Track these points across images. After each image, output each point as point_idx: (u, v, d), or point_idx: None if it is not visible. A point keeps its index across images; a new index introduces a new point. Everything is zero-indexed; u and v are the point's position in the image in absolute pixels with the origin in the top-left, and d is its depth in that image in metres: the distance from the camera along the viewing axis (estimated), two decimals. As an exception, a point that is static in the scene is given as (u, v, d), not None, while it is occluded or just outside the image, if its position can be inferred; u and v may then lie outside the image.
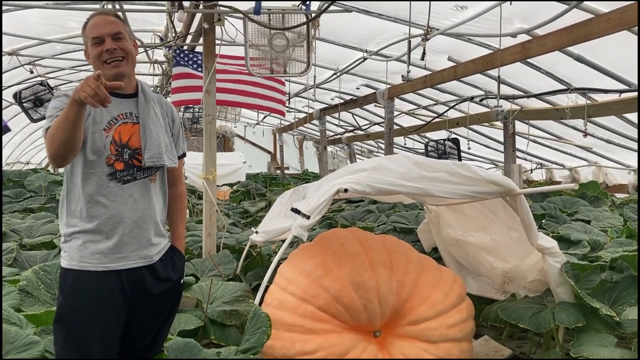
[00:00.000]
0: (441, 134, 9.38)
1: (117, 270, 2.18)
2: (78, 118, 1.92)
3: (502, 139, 7.89)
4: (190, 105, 12.47)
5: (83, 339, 2.14)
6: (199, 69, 6.10)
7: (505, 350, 3.82)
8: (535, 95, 6.84)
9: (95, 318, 2.14)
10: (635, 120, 6.79)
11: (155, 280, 2.27)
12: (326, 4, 4.31)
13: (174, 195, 2.47)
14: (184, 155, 2.51)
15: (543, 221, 5.34)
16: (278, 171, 16.44)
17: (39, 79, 8.84)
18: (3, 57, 7.60)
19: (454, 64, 6.66)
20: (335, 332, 3.09)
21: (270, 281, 3.34)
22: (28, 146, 15.27)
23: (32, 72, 8.58)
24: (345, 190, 3.30)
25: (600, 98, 6.29)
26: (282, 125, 15.91)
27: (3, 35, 6.75)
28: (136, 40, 2.37)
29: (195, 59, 6.22)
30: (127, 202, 2.20)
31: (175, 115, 2.49)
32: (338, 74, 8.47)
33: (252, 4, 4.38)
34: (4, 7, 5.89)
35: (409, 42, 5.30)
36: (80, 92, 1.83)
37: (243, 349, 2.76)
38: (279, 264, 3.41)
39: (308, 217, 3.29)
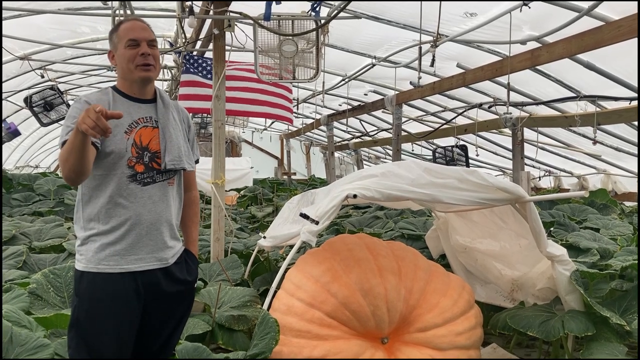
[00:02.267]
0: (449, 141, 9.37)
1: (132, 272, 2.20)
2: (84, 146, 1.95)
3: (510, 146, 7.87)
4: (199, 111, 12.52)
5: (97, 343, 2.15)
6: (209, 76, 6.12)
7: (514, 358, 3.80)
8: (544, 103, 6.83)
9: (110, 320, 2.16)
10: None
11: (170, 283, 2.30)
12: (336, 10, 4.32)
13: (188, 200, 2.50)
14: (197, 161, 2.55)
15: (552, 229, 5.31)
16: (285, 177, 16.45)
17: (50, 83, 8.91)
18: (14, 62, 7.66)
19: (463, 70, 6.66)
20: (343, 339, 3.09)
21: (278, 286, 3.34)
22: (37, 150, 15.38)
23: (42, 76, 8.66)
24: (355, 196, 3.29)
25: (610, 106, 6.27)
26: (289, 131, 15.94)
27: (15, 40, 6.81)
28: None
29: (204, 64, 6.24)
30: (146, 203, 2.23)
31: (191, 121, 2.54)
32: (346, 80, 8.49)
33: (262, 10, 4.40)
34: (15, 12, 5.94)
35: (420, 49, 5.30)
36: (82, 124, 1.84)
37: (251, 354, 2.76)
38: (287, 269, 3.41)
39: (317, 223, 3.29)
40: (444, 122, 9.02)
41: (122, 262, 2.19)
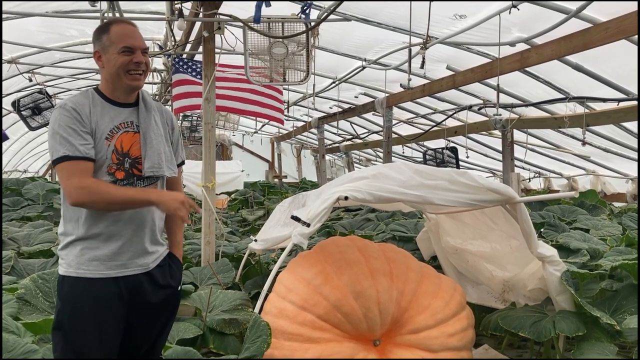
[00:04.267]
0: (439, 143, 9.39)
1: (114, 277, 2.18)
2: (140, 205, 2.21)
3: (500, 148, 7.91)
4: (189, 114, 12.49)
5: (82, 346, 2.13)
6: (199, 77, 6.10)
7: (505, 359, 3.80)
8: (533, 104, 6.85)
9: (93, 325, 2.13)
10: (633, 129, 6.80)
11: (153, 287, 2.28)
12: (326, 13, 4.32)
13: None
14: (182, 163, 2.53)
15: (542, 230, 5.34)
16: (276, 180, 16.43)
17: (38, 87, 8.84)
18: (2, 65, 7.60)
19: (453, 72, 6.68)
20: (335, 341, 3.08)
21: (270, 290, 3.33)
22: (26, 154, 15.25)
23: (31, 80, 8.59)
24: (346, 198, 3.29)
25: (599, 107, 6.30)
26: (280, 134, 15.92)
27: (3, 44, 6.75)
28: None
29: (194, 66, 6.22)
30: (127, 210, 2.20)
31: (175, 123, 2.51)
32: (337, 82, 8.49)
33: (252, 12, 4.39)
34: (4, 15, 5.89)
35: (410, 51, 5.31)
36: (180, 212, 2.15)
37: (243, 358, 2.74)
38: (278, 272, 3.39)
39: (308, 225, 3.28)
40: (434, 124, 9.04)
41: (102, 267, 2.17)
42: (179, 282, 2.42)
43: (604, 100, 5.90)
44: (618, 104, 5.85)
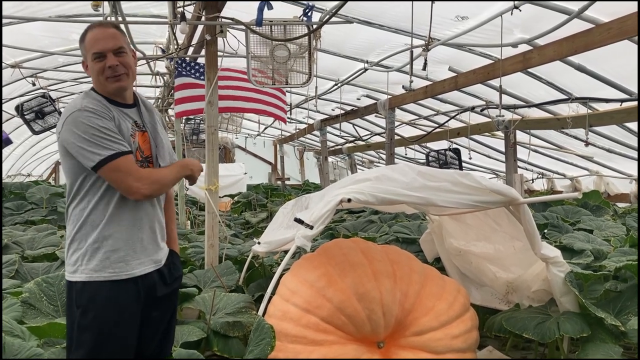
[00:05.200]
0: (442, 144, 9.39)
1: (135, 277, 2.22)
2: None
3: (503, 149, 7.90)
4: (191, 117, 12.50)
5: (105, 347, 2.15)
6: (202, 77, 6.10)
7: (510, 360, 3.80)
8: (536, 105, 6.86)
9: (120, 328, 2.17)
10: (636, 129, 6.79)
11: (163, 284, 2.33)
12: (328, 15, 4.33)
13: (165, 199, 2.51)
14: None
15: (545, 231, 5.33)
16: (279, 182, 16.44)
17: (41, 91, 8.87)
18: (5, 70, 7.62)
19: (455, 74, 6.68)
20: (339, 344, 3.08)
21: (274, 292, 3.33)
22: (30, 158, 15.29)
23: (34, 84, 8.62)
24: (349, 200, 3.29)
25: (602, 107, 6.30)
26: (282, 136, 15.94)
27: (6, 48, 6.77)
28: (135, 51, 2.40)
29: (197, 67, 6.23)
30: (146, 207, 2.26)
31: (163, 122, 2.57)
32: (339, 84, 8.50)
33: (254, 15, 4.39)
34: (7, 20, 5.91)
35: (412, 52, 5.32)
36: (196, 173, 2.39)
37: (247, 360, 2.74)
38: (281, 274, 3.40)
39: (311, 227, 3.28)
40: (437, 125, 9.04)
41: (127, 267, 2.20)
42: (181, 275, 2.50)
43: (607, 100, 5.90)
44: (621, 105, 5.85)
